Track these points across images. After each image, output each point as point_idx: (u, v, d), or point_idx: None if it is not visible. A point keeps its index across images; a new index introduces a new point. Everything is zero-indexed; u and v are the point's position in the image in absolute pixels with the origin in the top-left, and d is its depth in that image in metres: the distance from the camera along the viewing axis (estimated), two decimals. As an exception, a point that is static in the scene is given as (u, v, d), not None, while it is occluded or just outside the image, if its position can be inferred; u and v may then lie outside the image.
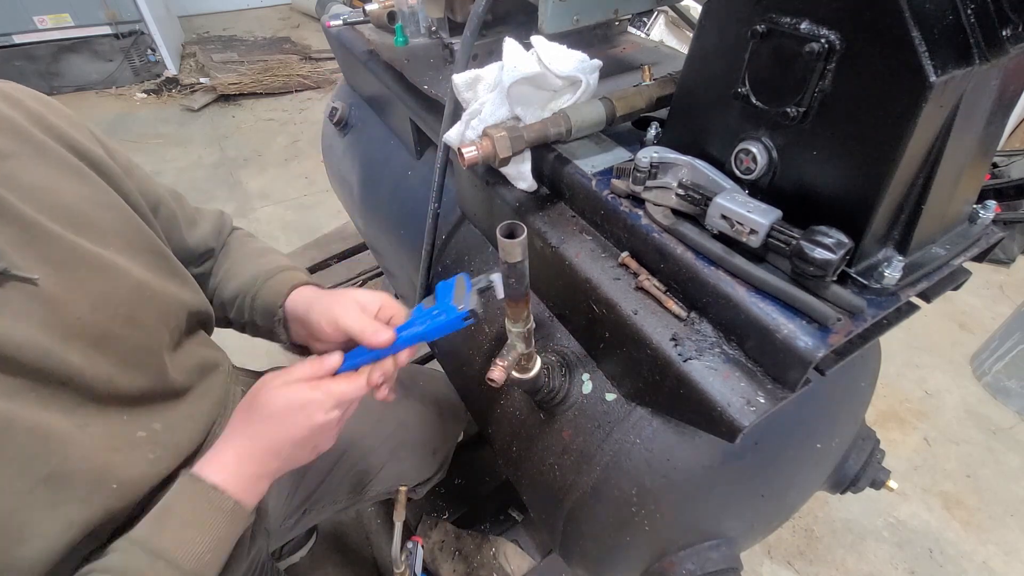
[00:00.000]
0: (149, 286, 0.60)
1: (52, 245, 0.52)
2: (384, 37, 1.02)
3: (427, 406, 0.99)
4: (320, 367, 0.60)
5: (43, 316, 0.50)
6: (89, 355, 0.53)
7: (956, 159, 0.48)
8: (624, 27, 1.02)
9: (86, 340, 0.53)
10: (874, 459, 0.80)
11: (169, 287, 0.64)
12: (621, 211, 0.60)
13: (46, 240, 0.52)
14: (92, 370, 0.54)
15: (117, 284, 0.57)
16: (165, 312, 0.63)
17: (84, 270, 0.54)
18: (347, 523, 1.38)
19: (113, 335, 0.56)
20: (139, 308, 0.59)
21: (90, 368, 0.53)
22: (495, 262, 0.85)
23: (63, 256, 0.53)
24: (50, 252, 0.52)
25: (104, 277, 0.56)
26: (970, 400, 1.76)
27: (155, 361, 0.61)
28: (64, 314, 0.52)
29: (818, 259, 0.44)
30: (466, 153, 0.61)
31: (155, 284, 0.62)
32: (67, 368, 0.52)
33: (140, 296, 0.59)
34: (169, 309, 0.63)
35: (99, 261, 0.56)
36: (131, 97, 3.69)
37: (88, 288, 0.54)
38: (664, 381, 0.55)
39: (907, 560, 1.38)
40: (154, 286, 0.61)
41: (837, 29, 0.42)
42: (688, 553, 0.66)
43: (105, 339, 0.55)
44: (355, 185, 1.31)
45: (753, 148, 0.51)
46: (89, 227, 0.56)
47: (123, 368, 0.57)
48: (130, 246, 0.60)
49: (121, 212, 0.61)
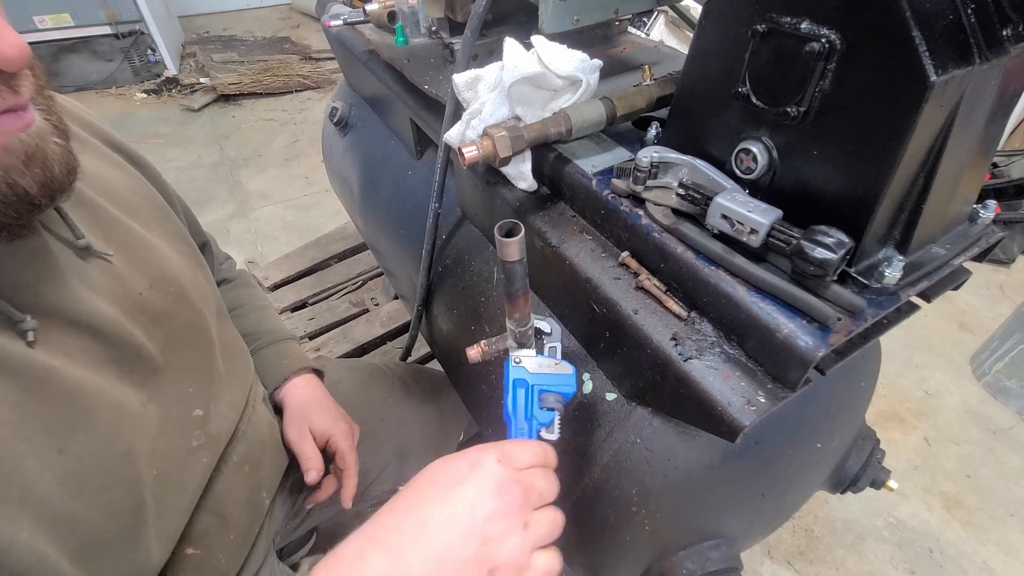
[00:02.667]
0: (187, 270, 0.64)
1: (114, 226, 0.56)
2: (384, 37, 1.02)
3: (428, 406, 0.99)
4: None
5: (115, 291, 0.53)
6: (150, 331, 0.55)
7: (956, 159, 0.48)
8: (624, 27, 1.02)
9: (147, 316, 0.56)
10: (874, 459, 0.80)
11: (200, 274, 0.68)
12: (621, 211, 0.60)
13: (109, 221, 0.56)
14: (151, 344, 0.55)
15: (165, 265, 0.60)
16: (203, 295, 0.66)
17: (141, 250, 0.58)
18: (347, 523, 1.38)
19: (167, 312, 0.58)
20: (184, 288, 0.62)
21: (149, 341, 0.55)
22: (495, 261, 0.85)
23: (123, 237, 0.57)
24: (113, 232, 0.55)
25: (156, 257, 0.60)
26: (970, 400, 1.76)
27: (202, 340, 0.63)
28: (129, 290, 0.54)
29: (818, 259, 0.44)
30: (466, 153, 0.61)
31: (190, 269, 0.65)
32: (136, 340, 0.53)
33: (183, 278, 0.62)
34: (205, 293, 0.67)
35: (149, 243, 0.59)
36: (131, 97, 3.69)
37: (144, 267, 0.57)
38: (664, 381, 0.55)
39: (907, 560, 1.38)
40: (190, 270, 0.65)
41: (837, 29, 0.42)
42: (688, 553, 0.66)
43: (161, 316, 0.57)
44: (355, 185, 1.31)
45: (753, 148, 0.51)
46: (136, 212, 0.60)
47: (175, 344, 0.59)
48: (166, 232, 0.64)
49: (156, 201, 0.66)
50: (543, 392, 0.53)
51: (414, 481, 0.43)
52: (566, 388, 0.54)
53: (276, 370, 0.84)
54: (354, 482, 0.79)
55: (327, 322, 1.70)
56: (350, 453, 0.79)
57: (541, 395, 0.52)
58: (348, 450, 0.79)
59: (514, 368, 0.54)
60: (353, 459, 0.79)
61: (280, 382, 0.83)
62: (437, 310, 0.98)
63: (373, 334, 1.64)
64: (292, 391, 0.83)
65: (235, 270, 0.94)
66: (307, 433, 0.77)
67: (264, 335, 0.85)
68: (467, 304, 0.88)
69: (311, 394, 0.84)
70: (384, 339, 1.66)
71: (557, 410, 0.53)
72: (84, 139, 0.60)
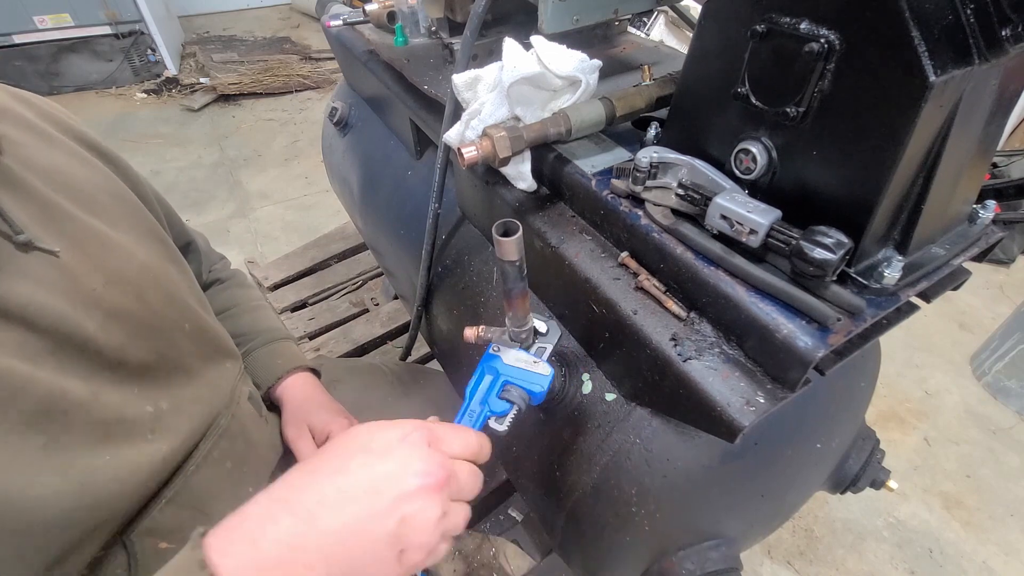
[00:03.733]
0: (154, 268, 0.63)
1: (69, 223, 0.55)
2: (384, 37, 1.02)
3: (427, 405, 0.99)
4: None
5: (63, 286, 0.52)
6: (103, 324, 0.55)
7: (956, 159, 0.48)
8: (624, 27, 1.02)
9: (101, 311, 0.55)
10: (874, 459, 0.80)
11: (171, 271, 0.67)
12: (621, 211, 0.60)
13: (63, 218, 0.55)
14: (106, 338, 0.55)
15: (126, 263, 0.60)
16: (170, 294, 0.65)
17: (97, 247, 0.57)
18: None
19: (125, 309, 0.57)
20: (146, 287, 0.61)
21: (104, 336, 0.54)
22: (495, 261, 0.85)
23: (79, 234, 0.56)
24: (67, 229, 0.55)
25: (115, 255, 0.59)
26: (970, 400, 1.76)
27: (165, 338, 0.63)
28: (81, 286, 0.54)
29: (818, 259, 0.44)
30: (466, 153, 0.61)
31: (159, 267, 0.64)
32: (83, 334, 0.53)
33: (146, 276, 0.62)
34: (173, 291, 0.66)
35: (110, 241, 0.59)
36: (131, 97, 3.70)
37: (101, 264, 0.57)
38: (664, 381, 0.55)
39: (907, 560, 1.38)
40: (158, 269, 0.64)
41: (837, 29, 0.42)
42: (688, 553, 0.66)
43: (118, 312, 0.57)
44: (355, 185, 1.31)
45: (753, 148, 0.51)
46: (100, 209, 0.60)
47: (134, 340, 0.58)
48: (134, 230, 0.64)
49: (125, 197, 0.65)
50: (508, 383, 0.53)
51: (336, 443, 0.41)
52: (535, 387, 0.53)
53: (269, 369, 0.84)
54: None
55: (327, 322, 1.70)
56: None
57: (505, 386, 0.53)
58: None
59: (490, 354, 0.55)
60: None
61: (274, 381, 0.83)
62: (437, 310, 0.98)
63: (373, 334, 1.64)
64: (289, 390, 0.84)
65: (229, 270, 0.94)
66: (305, 431, 0.78)
67: (259, 335, 0.86)
68: (467, 304, 0.88)
69: (309, 392, 0.84)
70: (384, 339, 1.66)
71: (516, 405, 0.52)
72: (52, 136, 0.60)
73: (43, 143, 0.58)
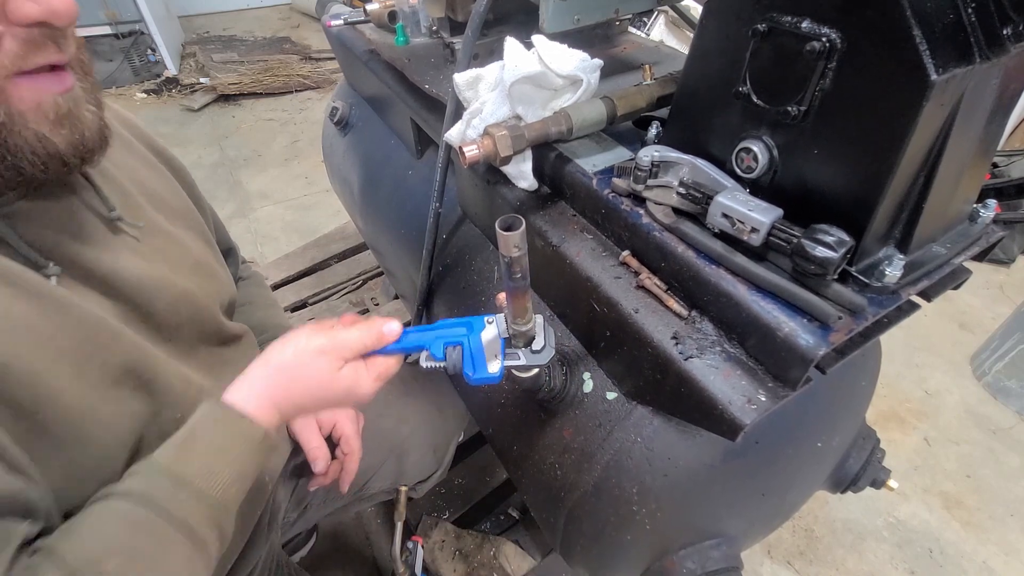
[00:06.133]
0: (205, 264, 0.71)
1: (140, 212, 0.62)
2: (385, 37, 1.03)
3: (427, 403, 1.00)
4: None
5: (140, 265, 0.59)
6: (170, 304, 0.61)
7: (957, 158, 0.48)
8: (625, 27, 1.02)
9: (169, 292, 0.61)
10: (874, 458, 0.80)
11: (218, 270, 0.74)
12: (622, 210, 0.60)
13: (137, 209, 0.62)
14: (168, 317, 0.61)
15: (184, 256, 0.67)
16: (218, 289, 0.72)
17: (163, 240, 0.64)
18: (347, 523, 1.38)
19: (186, 295, 0.64)
20: (200, 280, 0.68)
21: (167, 315, 0.61)
22: (496, 260, 0.85)
23: (149, 225, 0.63)
24: (141, 220, 0.62)
25: (176, 248, 0.66)
26: (970, 400, 1.76)
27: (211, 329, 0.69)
28: (154, 269, 0.60)
29: (819, 257, 0.44)
30: (467, 152, 0.61)
31: (209, 265, 0.72)
32: (152, 309, 0.59)
33: (200, 270, 0.69)
34: (220, 288, 0.73)
35: (172, 236, 0.66)
36: (131, 97, 3.69)
37: (166, 254, 0.64)
38: (665, 380, 0.55)
39: (907, 560, 1.38)
40: (208, 266, 0.71)
41: (838, 28, 0.43)
42: (689, 552, 0.66)
43: (179, 297, 0.63)
44: (355, 185, 1.31)
45: (754, 147, 0.51)
46: (164, 207, 0.68)
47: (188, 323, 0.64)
48: (191, 230, 0.71)
49: (183, 200, 0.73)
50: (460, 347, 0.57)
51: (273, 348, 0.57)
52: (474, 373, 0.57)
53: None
54: (355, 467, 0.81)
55: (327, 322, 1.70)
56: (355, 438, 0.81)
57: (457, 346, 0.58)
58: (353, 435, 0.81)
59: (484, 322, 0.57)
60: (358, 444, 0.81)
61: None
62: (437, 309, 0.98)
63: (373, 334, 1.64)
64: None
65: (250, 271, 1.00)
66: (312, 422, 0.79)
67: (270, 330, 0.89)
68: (467, 303, 0.88)
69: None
70: (384, 339, 1.66)
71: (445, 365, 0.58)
72: (127, 139, 0.68)
73: (123, 146, 0.66)
